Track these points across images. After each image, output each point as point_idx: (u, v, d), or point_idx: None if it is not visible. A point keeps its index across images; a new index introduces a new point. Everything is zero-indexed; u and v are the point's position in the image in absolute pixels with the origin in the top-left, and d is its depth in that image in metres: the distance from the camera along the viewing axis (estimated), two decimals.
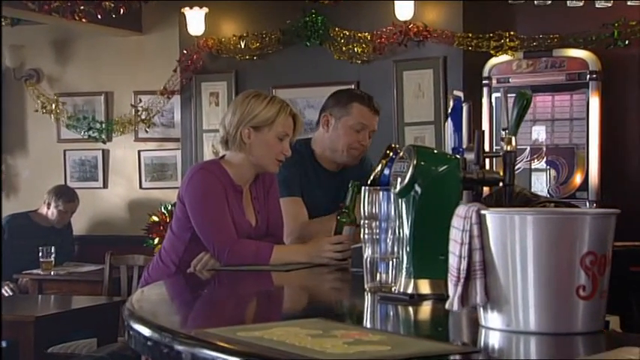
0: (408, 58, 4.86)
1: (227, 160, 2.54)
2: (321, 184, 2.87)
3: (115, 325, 3.92)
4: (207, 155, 5.24)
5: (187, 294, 2.01)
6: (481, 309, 1.28)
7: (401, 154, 1.67)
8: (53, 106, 5.86)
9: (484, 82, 4.62)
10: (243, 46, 5.19)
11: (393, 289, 1.71)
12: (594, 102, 4.41)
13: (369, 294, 1.72)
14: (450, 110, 1.83)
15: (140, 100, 5.69)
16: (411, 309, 1.57)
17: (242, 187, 2.52)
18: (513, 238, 1.23)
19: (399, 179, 1.63)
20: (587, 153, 4.43)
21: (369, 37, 4.91)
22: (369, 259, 1.74)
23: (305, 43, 5.07)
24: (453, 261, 1.27)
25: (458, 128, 1.80)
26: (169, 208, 5.27)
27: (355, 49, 4.94)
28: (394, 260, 1.73)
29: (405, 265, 1.63)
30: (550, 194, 4.44)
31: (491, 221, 1.25)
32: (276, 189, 2.65)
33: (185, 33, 5.27)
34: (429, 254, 1.61)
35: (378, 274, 1.75)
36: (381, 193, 1.74)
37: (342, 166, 2.92)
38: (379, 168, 1.84)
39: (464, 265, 1.25)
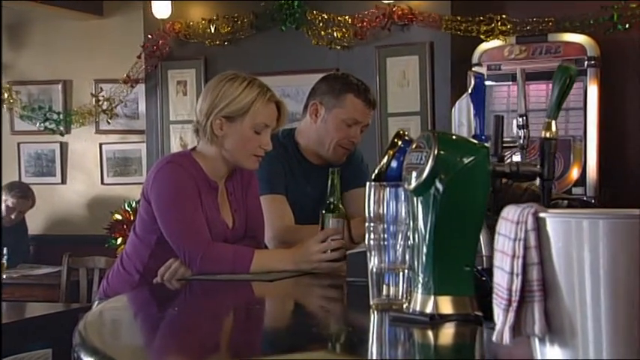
0: (391, 44, 4.67)
1: (199, 152, 2.26)
2: (308, 181, 2.59)
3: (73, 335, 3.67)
4: (175, 149, 5.09)
5: (153, 312, 1.71)
6: (536, 340, 1.01)
7: (414, 143, 1.39)
8: (6, 95, 5.60)
9: (474, 69, 4.32)
10: (212, 31, 4.98)
11: (404, 307, 1.44)
12: (592, 90, 4.19)
13: (375, 312, 1.45)
14: (470, 90, 1.56)
15: (101, 89, 5.48)
16: (431, 334, 1.30)
17: (217, 182, 2.25)
18: (581, 250, 0.96)
19: (415, 173, 1.36)
20: (584, 146, 4.21)
21: (349, 21, 4.71)
22: (374, 270, 1.48)
23: (280, 28, 4.87)
24: (501, 279, 1.00)
25: (480, 111, 1.53)
26: (133, 205, 5.03)
27: (335, 33, 4.74)
28: (405, 271, 1.47)
29: (422, 279, 1.35)
30: None
31: (553, 227, 0.97)
32: (256, 185, 2.38)
33: (150, 16, 5.06)
34: (452, 265, 1.34)
35: (385, 288, 1.49)
36: (387, 189, 1.47)
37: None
38: (385, 160, 1.56)
39: (517, 284, 0.98)
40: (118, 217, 5.15)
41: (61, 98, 5.61)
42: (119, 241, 5.03)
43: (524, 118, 2.03)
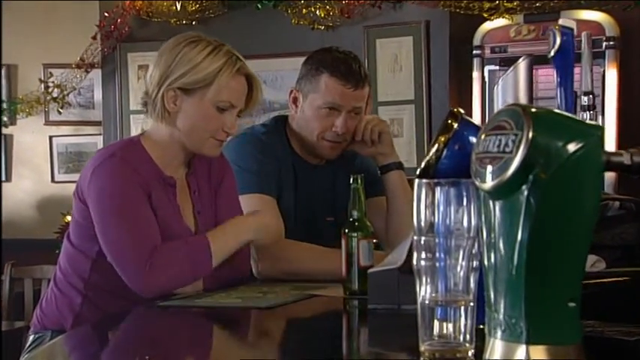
0: (382, 24, 4.51)
1: (148, 137, 1.91)
2: (300, 182, 2.25)
3: (16, 358, 3.40)
4: None
5: (112, 355, 1.31)
6: None
7: (492, 122, 1.02)
8: None
9: (475, 52, 4.21)
10: (178, 9, 4.84)
11: (469, 354, 1.08)
12: (611, 75, 3.99)
13: None
14: (552, 50, 1.19)
15: (51, 75, 5.33)
16: None
17: (174, 177, 1.90)
18: None
19: (492, 167, 0.99)
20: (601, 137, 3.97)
21: None
22: (427, 303, 1.11)
23: (255, 6, 4.70)
24: None
25: (566, 80, 1.16)
26: None
27: (318, 12, 4.56)
28: (470, 304, 1.10)
29: (505, 318, 0.99)
30: None
31: None
32: (233, 180, 2.03)
33: None
34: (552, 300, 0.98)
35: (437, 325, 1.12)
36: (439, 189, 1.11)
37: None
38: (435, 149, 1.19)
39: None
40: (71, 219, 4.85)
41: (5, 85, 5.45)
42: None
43: (591, 97, 1.67)
